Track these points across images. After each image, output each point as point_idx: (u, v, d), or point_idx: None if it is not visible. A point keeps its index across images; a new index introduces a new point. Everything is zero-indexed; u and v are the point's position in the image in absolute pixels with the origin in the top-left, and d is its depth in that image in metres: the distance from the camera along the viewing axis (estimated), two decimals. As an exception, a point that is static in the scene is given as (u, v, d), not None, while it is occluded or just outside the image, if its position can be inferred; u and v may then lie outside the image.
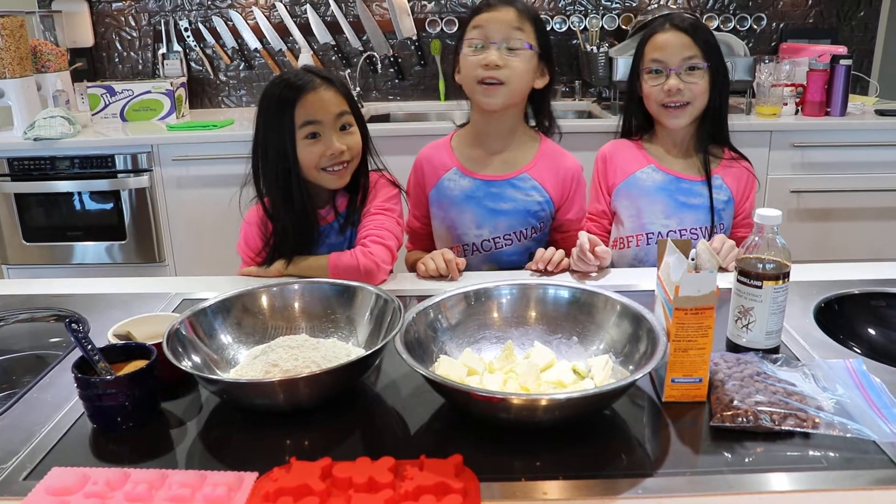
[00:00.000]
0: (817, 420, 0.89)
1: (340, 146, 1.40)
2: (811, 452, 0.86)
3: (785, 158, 2.73)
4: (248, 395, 0.95)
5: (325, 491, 0.78)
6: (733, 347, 1.09)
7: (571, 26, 3.24)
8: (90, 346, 0.95)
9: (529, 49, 1.48)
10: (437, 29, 3.26)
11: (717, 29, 3.20)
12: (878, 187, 2.75)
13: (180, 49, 3.27)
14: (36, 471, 0.85)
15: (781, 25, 3.27)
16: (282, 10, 3.22)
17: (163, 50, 3.26)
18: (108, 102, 3.00)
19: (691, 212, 1.59)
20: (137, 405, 0.93)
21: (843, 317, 1.28)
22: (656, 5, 3.24)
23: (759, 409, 0.89)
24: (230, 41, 3.27)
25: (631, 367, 0.98)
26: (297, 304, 1.16)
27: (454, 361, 1.01)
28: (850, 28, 3.28)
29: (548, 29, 3.23)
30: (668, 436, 0.91)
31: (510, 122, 1.56)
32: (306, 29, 3.25)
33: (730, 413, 0.90)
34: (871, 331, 1.30)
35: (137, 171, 2.71)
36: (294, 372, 0.98)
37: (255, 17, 3.23)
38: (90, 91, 3.00)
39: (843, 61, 2.72)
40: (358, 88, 3.26)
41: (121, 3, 3.24)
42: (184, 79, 3.20)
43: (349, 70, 3.27)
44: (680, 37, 1.52)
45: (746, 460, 0.85)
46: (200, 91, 3.35)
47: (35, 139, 2.63)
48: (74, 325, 0.95)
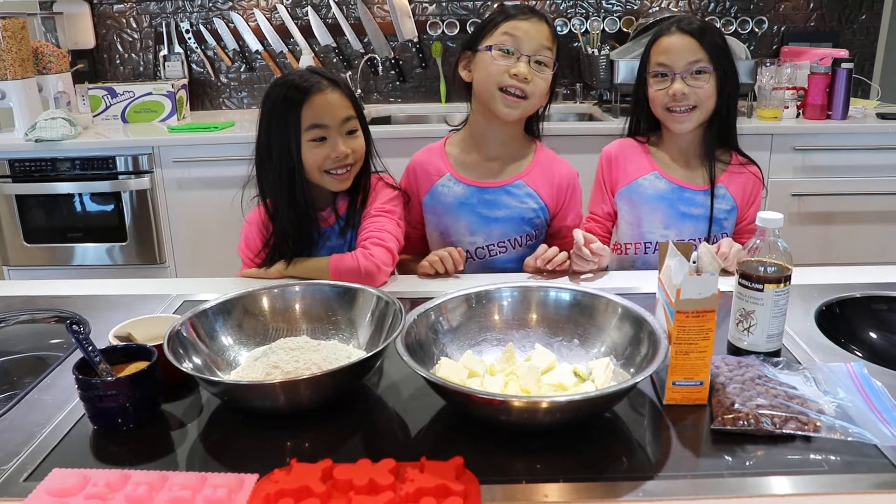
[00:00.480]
0: (818, 423, 0.89)
1: (345, 150, 1.40)
2: (812, 456, 0.86)
3: (786, 162, 2.73)
4: (248, 396, 0.95)
5: (325, 493, 0.78)
6: (734, 350, 1.09)
7: (573, 29, 3.25)
8: (91, 348, 0.95)
9: (549, 67, 1.47)
10: (439, 31, 3.26)
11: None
12: (879, 190, 2.75)
13: (181, 51, 3.27)
14: (36, 472, 0.85)
15: (783, 29, 3.27)
16: (283, 12, 3.22)
17: (164, 52, 3.26)
18: (109, 104, 3.00)
19: (691, 222, 1.57)
20: (138, 406, 0.93)
21: (844, 320, 1.28)
22: (657, 8, 3.25)
23: (760, 412, 0.89)
24: (231, 43, 3.27)
25: (632, 370, 0.98)
26: (298, 306, 1.16)
27: (455, 363, 1.01)
28: (851, 31, 3.28)
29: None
30: (668, 439, 0.91)
31: (512, 129, 1.55)
32: (307, 31, 3.26)
33: (731, 416, 0.90)
34: (873, 334, 1.30)
35: (138, 172, 2.71)
36: (295, 374, 0.98)
37: (256, 19, 3.23)
38: (91, 93, 3.00)
39: (844, 65, 2.72)
40: (359, 90, 3.26)
41: (122, 5, 3.24)
42: (185, 80, 3.20)
43: (350, 72, 3.28)
44: (686, 40, 1.49)
45: (747, 464, 0.85)
46: (201, 93, 3.35)
47: (36, 140, 2.63)
48: (75, 327, 0.95)
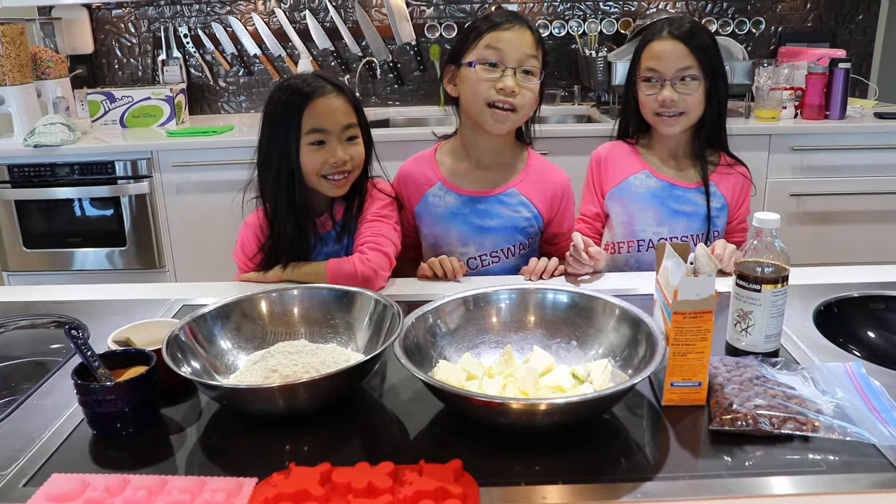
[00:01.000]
0: (817, 423, 0.89)
1: (344, 156, 1.40)
2: (811, 456, 0.86)
3: (784, 162, 2.73)
4: (247, 400, 0.95)
5: (324, 496, 0.78)
6: (732, 351, 1.09)
7: (570, 31, 3.25)
8: (90, 353, 0.95)
9: (536, 77, 1.44)
10: (436, 34, 3.26)
11: (716, 33, 3.20)
12: (877, 190, 2.75)
13: (180, 55, 3.27)
14: (36, 477, 0.85)
15: (780, 29, 3.28)
16: (281, 16, 3.22)
17: (162, 56, 3.27)
18: (107, 109, 3.01)
19: (683, 219, 1.58)
20: (137, 411, 0.93)
21: (842, 320, 1.28)
22: (655, 10, 3.25)
23: (759, 412, 0.89)
24: (229, 47, 3.27)
25: (630, 371, 0.98)
26: (296, 310, 1.16)
27: (453, 366, 1.01)
28: (848, 31, 3.28)
29: (547, 34, 3.25)
30: (667, 440, 0.91)
31: (503, 139, 1.52)
32: (305, 35, 3.26)
33: (729, 417, 0.90)
34: (871, 334, 1.30)
35: (137, 177, 2.71)
36: (293, 377, 0.98)
37: (254, 24, 3.24)
38: (90, 98, 3.01)
39: (841, 65, 2.72)
40: (357, 94, 3.26)
41: (120, 10, 3.25)
42: (183, 85, 3.21)
43: (348, 75, 3.28)
44: (676, 46, 1.48)
45: (746, 464, 0.85)
46: (200, 97, 3.36)
47: (35, 146, 2.64)
48: (74, 332, 0.95)
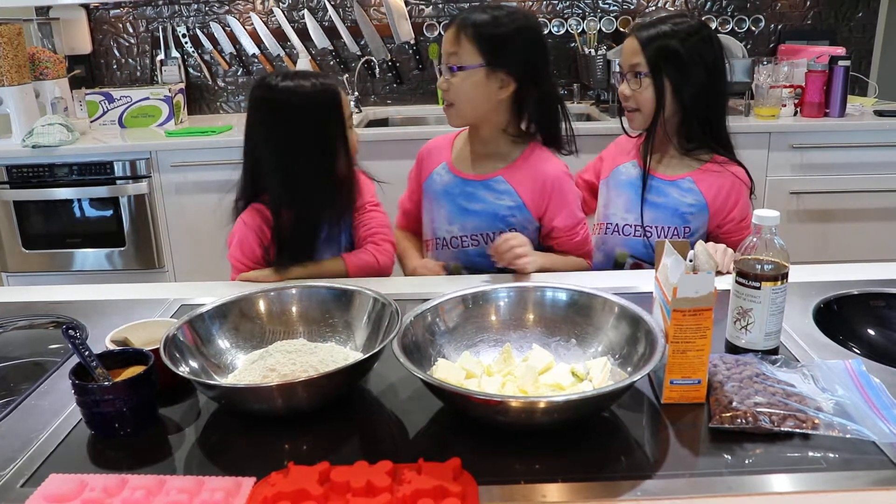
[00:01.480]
0: (817, 421, 0.89)
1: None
2: (811, 453, 0.86)
3: (784, 160, 2.73)
4: (245, 399, 0.95)
5: (322, 495, 0.78)
6: (732, 349, 1.09)
7: (569, 29, 3.25)
8: (87, 353, 0.95)
9: (462, 70, 1.47)
10: (435, 33, 3.26)
11: (716, 31, 3.19)
12: (877, 188, 2.75)
13: (178, 55, 3.27)
14: (34, 477, 0.85)
15: (780, 27, 3.27)
16: (279, 15, 3.22)
17: (161, 56, 3.26)
18: (106, 109, 3.01)
19: (652, 210, 1.58)
20: (135, 411, 0.93)
21: (842, 317, 1.28)
22: (654, 7, 3.25)
23: (759, 410, 0.89)
24: (228, 47, 3.27)
25: (629, 369, 0.98)
26: (294, 309, 1.16)
27: (452, 365, 1.01)
28: (848, 29, 3.28)
29: (546, 32, 3.24)
30: (667, 438, 0.91)
31: (488, 131, 1.56)
32: (304, 34, 3.26)
33: (729, 414, 0.90)
34: (871, 331, 1.29)
35: (136, 177, 2.71)
36: (292, 376, 0.98)
37: (252, 23, 3.23)
38: (88, 98, 3.01)
39: (841, 62, 2.72)
40: (356, 93, 3.26)
41: (119, 10, 3.24)
42: (182, 85, 3.21)
43: (347, 75, 3.28)
44: (631, 42, 1.54)
45: (746, 462, 0.85)
46: (199, 97, 3.36)
47: (34, 146, 2.63)
48: (71, 332, 0.95)
